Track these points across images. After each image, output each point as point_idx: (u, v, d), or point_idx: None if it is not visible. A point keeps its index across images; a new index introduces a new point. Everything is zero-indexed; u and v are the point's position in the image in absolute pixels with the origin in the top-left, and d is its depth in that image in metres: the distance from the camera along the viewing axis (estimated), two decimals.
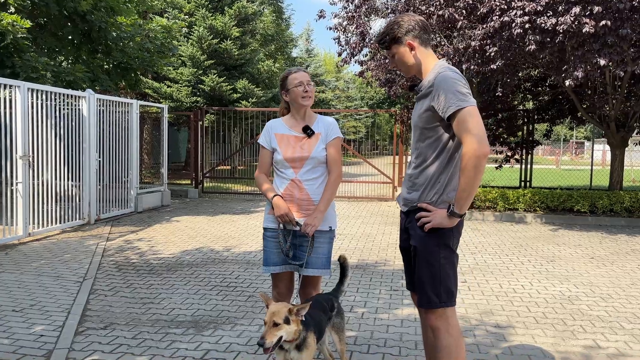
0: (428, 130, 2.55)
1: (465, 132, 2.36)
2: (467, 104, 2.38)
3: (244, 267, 6.02)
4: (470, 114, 2.36)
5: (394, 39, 2.62)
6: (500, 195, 10.20)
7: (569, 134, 50.65)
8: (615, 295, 5.15)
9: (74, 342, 3.77)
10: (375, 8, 10.28)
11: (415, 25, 2.60)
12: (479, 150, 2.32)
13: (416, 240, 2.59)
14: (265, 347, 2.47)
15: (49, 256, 6.41)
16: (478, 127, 2.34)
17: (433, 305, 2.56)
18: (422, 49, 2.62)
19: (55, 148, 8.06)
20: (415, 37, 2.60)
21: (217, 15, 18.25)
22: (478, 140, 2.32)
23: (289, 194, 3.12)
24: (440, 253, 2.54)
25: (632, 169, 20.58)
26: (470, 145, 2.33)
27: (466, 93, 2.41)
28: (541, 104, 13.13)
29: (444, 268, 2.55)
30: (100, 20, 9.54)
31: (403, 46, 2.61)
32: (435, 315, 2.58)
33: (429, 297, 2.56)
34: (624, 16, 7.43)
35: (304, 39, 40.91)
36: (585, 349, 3.79)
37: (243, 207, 11.52)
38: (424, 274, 2.56)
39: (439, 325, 2.58)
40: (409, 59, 2.63)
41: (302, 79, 3.13)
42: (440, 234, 2.53)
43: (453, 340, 2.56)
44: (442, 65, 2.56)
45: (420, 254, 2.57)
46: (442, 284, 2.55)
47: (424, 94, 2.56)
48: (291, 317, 2.55)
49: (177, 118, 18.21)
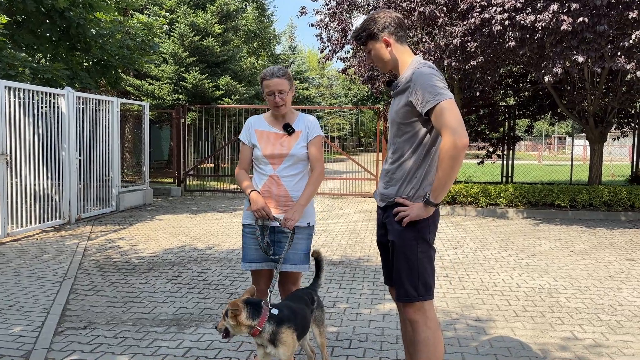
0: (405, 126, 2.58)
1: (443, 126, 2.37)
2: (444, 97, 2.40)
3: (226, 265, 6.01)
4: (447, 107, 2.38)
5: (370, 35, 2.64)
6: (482, 190, 10.30)
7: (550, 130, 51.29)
8: (593, 287, 5.24)
9: (53, 342, 3.73)
10: (357, 5, 10.29)
11: (392, 22, 2.61)
12: (456, 142, 2.33)
13: (394, 235, 2.61)
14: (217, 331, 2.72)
15: (28, 256, 6.33)
16: (455, 119, 2.36)
17: (411, 299, 2.59)
18: (398, 46, 2.64)
19: (34, 147, 7.95)
20: (391, 33, 2.62)
21: (199, 12, 18.12)
22: (455, 132, 2.33)
23: (267, 190, 3.12)
24: (417, 247, 2.57)
25: (611, 164, 20.91)
26: (448, 137, 2.35)
27: (443, 87, 2.44)
28: (522, 100, 13.28)
29: (421, 262, 2.58)
30: (79, 17, 9.41)
31: (379, 42, 2.63)
32: (413, 309, 2.61)
33: (407, 291, 2.59)
34: (601, 12, 7.53)
35: (287, 36, 40.81)
36: (563, 340, 3.85)
37: (226, 205, 11.48)
38: (402, 268, 2.59)
39: (417, 318, 2.61)
40: (384, 55, 2.65)
41: (274, 88, 3.05)
42: (418, 228, 2.56)
43: (431, 333, 2.59)
44: (418, 61, 2.59)
45: (398, 248, 2.59)
46: (420, 277, 2.58)
47: (401, 90, 2.59)
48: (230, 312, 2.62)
49: (159, 116, 18.07)
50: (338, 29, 10.30)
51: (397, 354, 3.56)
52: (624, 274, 5.74)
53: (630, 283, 5.40)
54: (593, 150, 10.93)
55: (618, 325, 4.17)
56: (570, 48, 7.82)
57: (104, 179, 9.86)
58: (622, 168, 20.01)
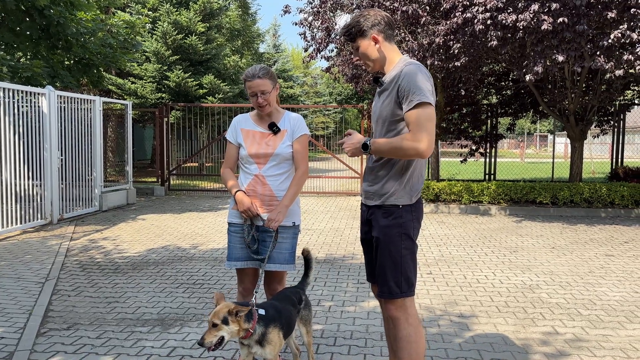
0: (391, 124, 2.60)
1: (422, 130, 2.43)
2: (430, 102, 2.46)
3: (211, 265, 6.00)
4: (431, 116, 2.46)
5: (360, 31, 2.66)
6: (465, 188, 10.39)
7: (532, 128, 51.85)
8: (573, 283, 5.32)
9: (35, 344, 3.69)
10: (341, 3, 10.31)
11: (381, 20, 2.65)
12: (424, 152, 2.44)
13: (378, 231, 2.63)
14: (205, 346, 2.52)
15: (9, 257, 6.25)
16: (433, 131, 2.46)
17: (394, 296, 2.61)
18: (387, 44, 2.67)
19: (14, 146, 7.85)
20: (380, 31, 2.65)
21: (182, 10, 18.00)
22: (430, 144, 2.44)
23: (252, 189, 3.12)
24: (401, 244, 2.60)
25: (592, 162, 21.22)
26: (422, 143, 2.43)
27: (430, 91, 2.49)
28: (504, 98, 13.42)
29: (405, 258, 2.61)
30: (59, 16, 9.30)
31: (367, 39, 2.65)
32: (395, 306, 2.64)
33: (390, 288, 2.61)
34: (580, 12, 7.64)
35: (271, 35, 40.69)
36: (544, 335, 3.92)
37: (210, 204, 11.43)
38: (386, 265, 2.61)
39: (399, 315, 2.63)
40: (372, 53, 2.67)
41: (256, 89, 3.04)
42: (402, 224, 2.59)
43: (412, 329, 2.62)
44: (407, 60, 2.62)
45: (382, 244, 2.62)
46: (403, 274, 2.61)
47: (388, 88, 2.61)
48: (230, 317, 2.54)
49: (141, 115, 17.92)
50: (322, 27, 10.32)
51: (381, 351, 3.59)
52: (604, 270, 5.84)
53: (610, 278, 5.50)
54: (574, 148, 11.10)
55: (598, 320, 4.25)
56: (551, 47, 7.93)
57: (86, 179, 9.76)
58: (602, 165, 20.33)
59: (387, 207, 2.61)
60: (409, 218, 2.60)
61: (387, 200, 2.61)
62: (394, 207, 2.60)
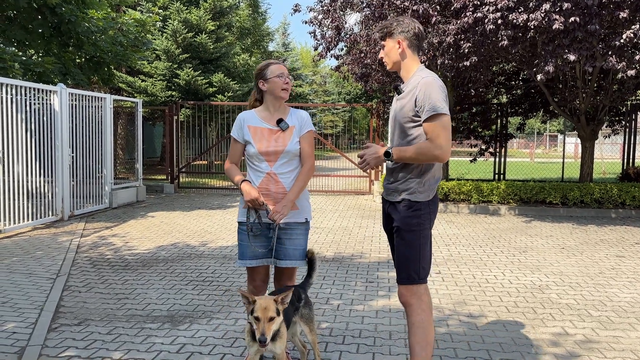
0: (410, 129, 2.80)
1: (439, 138, 2.66)
2: (446, 112, 2.67)
3: (220, 262, 6.02)
4: (447, 125, 2.67)
5: (389, 33, 2.89)
6: (474, 187, 10.36)
7: (542, 128, 51.54)
8: (583, 283, 5.29)
9: (47, 339, 3.73)
10: (351, 2, 10.30)
11: (411, 29, 2.86)
12: (440, 157, 2.67)
13: (397, 221, 2.83)
14: (267, 341, 2.53)
15: (21, 253, 6.31)
16: (449, 140, 2.68)
17: (412, 281, 2.79)
18: (409, 51, 2.88)
19: (26, 143, 7.92)
20: (406, 38, 2.87)
21: (192, 8, 18.05)
22: (447, 150, 2.67)
23: (265, 187, 3.12)
24: (421, 232, 2.79)
25: (603, 162, 21.06)
26: (440, 150, 2.66)
27: (445, 101, 2.69)
28: (514, 97, 13.34)
29: (422, 247, 2.80)
30: (71, 14, 9.36)
31: (393, 41, 2.88)
32: (410, 292, 2.81)
33: (409, 274, 2.80)
34: (592, 12, 7.59)
35: (280, 33, 40.71)
36: (554, 336, 3.90)
37: (219, 202, 11.47)
38: (405, 253, 2.80)
39: (413, 301, 2.81)
40: (394, 55, 2.89)
41: (284, 71, 3.17)
42: (420, 215, 2.79)
43: (425, 315, 2.79)
44: (424, 70, 2.83)
45: (401, 233, 2.81)
46: (421, 261, 2.79)
47: (407, 95, 2.79)
48: (279, 306, 2.64)
49: (151, 112, 18.01)
50: (332, 26, 10.32)
51: (390, 350, 3.59)
52: (614, 271, 5.80)
53: (620, 279, 5.46)
54: (584, 148, 11.02)
55: (608, 321, 4.23)
56: (562, 47, 7.87)
57: (96, 176, 9.83)
58: (613, 165, 20.15)
59: (407, 201, 2.80)
60: (427, 211, 2.81)
61: (409, 196, 2.80)
62: (413, 202, 2.80)
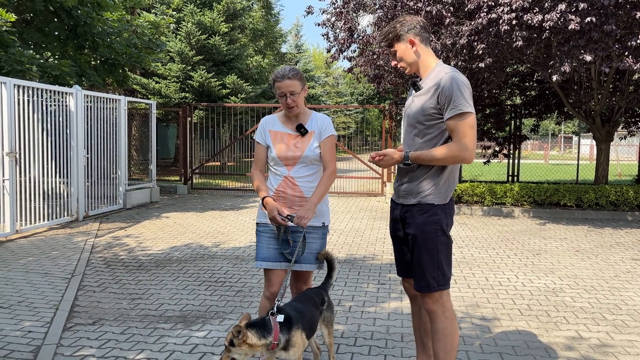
0: (429, 128, 2.69)
1: (465, 137, 2.57)
2: (471, 111, 2.57)
3: (232, 263, 6.05)
4: (473, 124, 2.57)
5: (397, 36, 2.77)
6: (488, 189, 10.29)
7: (557, 129, 51.06)
8: (598, 287, 5.24)
9: (62, 338, 3.78)
10: (363, 4, 10.30)
11: (417, 24, 2.77)
12: (466, 158, 2.58)
13: (415, 228, 2.72)
14: None
15: (37, 253, 6.39)
16: (474, 139, 2.59)
17: (432, 289, 2.70)
18: (423, 47, 2.77)
19: (42, 144, 8.02)
20: (417, 34, 2.76)
21: (206, 10, 18.16)
22: (473, 150, 2.58)
23: (282, 190, 3.14)
24: (438, 239, 2.70)
25: (618, 163, 20.81)
26: (466, 151, 2.57)
27: (470, 98, 2.59)
28: (528, 99, 13.22)
29: (441, 253, 2.71)
30: (86, 16, 9.47)
31: (404, 43, 2.76)
32: (432, 300, 2.73)
33: (427, 282, 2.71)
34: (608, 12, 7.51)
35: (293, 35, 40.81)
36: (568, 339, 3.87)
37: (232, 203, 11.52)
38: (424, 260, 2.70)
39: (435, 309, 2.72)
40: (409, 56, 2.77)
41: (285, 90, 3.03)
42: (437, 220, 2.69)
43: (449, 322, 2.71)
44: (444, 66, 2.71)
45: (419, 241, 2.71)
46: (440, 268, 2.70)
47: (426, 93, 2.68)
48: (235, 340, 2.49)
49: (165, 114, 18.13)
50: (344, 28, 10.31)
51: (402, 352, 3.58)
52: (630, 274, 5.73)
53: (636, 283, 5.39)
54: (600, 150, 10.89)
55: (623, 325, 4.18)
56: (578, 47, 7.80)
57: (111, 177, 9.93)
58: (629, 167, 19.93)
59: (423, 205, 2.70)
60: (444, 215, 2.71)
61: (424, 199, 2.71)
62: (430, 205, 2.69)
